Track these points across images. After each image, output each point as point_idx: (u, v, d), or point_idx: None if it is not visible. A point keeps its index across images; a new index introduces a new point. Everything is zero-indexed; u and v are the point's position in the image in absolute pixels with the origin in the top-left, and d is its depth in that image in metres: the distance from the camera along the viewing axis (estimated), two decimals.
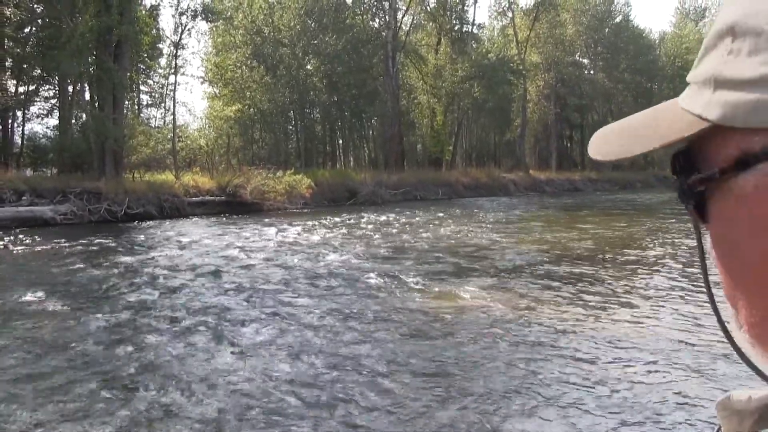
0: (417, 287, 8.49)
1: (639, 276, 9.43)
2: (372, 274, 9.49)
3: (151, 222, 19.82)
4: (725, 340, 0.44)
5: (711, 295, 0.46)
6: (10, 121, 27.04)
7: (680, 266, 10.12)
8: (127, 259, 11.43)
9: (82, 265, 10.64)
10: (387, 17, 42.08)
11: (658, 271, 9.87)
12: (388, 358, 5.40)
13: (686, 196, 0.43)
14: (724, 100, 0.39)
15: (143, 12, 28.07)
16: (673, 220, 18.43)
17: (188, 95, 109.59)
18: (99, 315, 6.99)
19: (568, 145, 61.47)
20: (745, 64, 0.38)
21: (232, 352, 5.61)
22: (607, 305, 7.34)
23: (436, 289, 8.37)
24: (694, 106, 0.42)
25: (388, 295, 8.05)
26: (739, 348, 0.42)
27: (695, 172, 0.43)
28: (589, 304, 7.43)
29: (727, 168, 0.40)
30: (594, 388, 4.60)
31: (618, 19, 57.65)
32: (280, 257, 11.55)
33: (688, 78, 0.45)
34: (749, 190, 0.39)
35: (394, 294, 8.12)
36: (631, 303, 7.53)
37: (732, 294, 0.42)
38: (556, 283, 8.81)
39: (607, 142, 0.49)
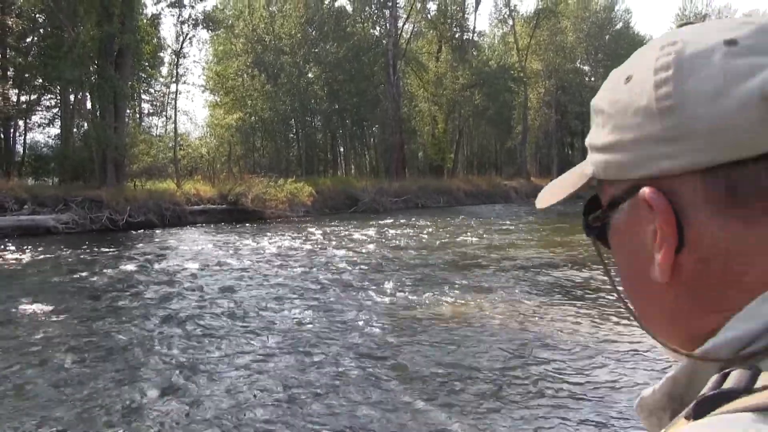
0: (418, 294, 8.46)
1: None
2: (375, 283, 9.47)
3: (152, 230, 19.81)
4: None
5: (619, 295, 0.57)
6: (12, 130, 27.07)
7: None
8: (129, 267, 11.41)
9: (83, 274, 10.63)
10: (387, 25, 42.18)
11: None
12: (392, 363, 5.37)
13: (587, 230, 0.58)
14: (594, 160, 0.54)
15: (145, 21, 28.13)
16: None
17: (189, 104, 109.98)
18: (100, 323, 6.98)
19: (570, 152, 61.43)
20: (600, 134, 0.53)
21: (234, 360, 5.58)
22: (609, 310, 7.32)
23: (436, 295, 8.35)
24: (585, 165, 0.57)
25: (390, 303, 8.03)
26: (646, 328, 0.55)
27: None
28: (590, 308, 7.40)
29: (605, 209, 0.54)
30: (594, 391, 4.58)
31: (618, 26, 57.68)
32: (281, 266, 11.53)
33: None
34: (618, 225, 0.53)
35: (395, 301, 8.10)
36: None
37: (628, 297, 0.56)
38: (556, 289, 8.78)
39: (543, 196, 0.63)
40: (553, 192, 0.62)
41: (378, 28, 43.62)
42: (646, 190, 0.48)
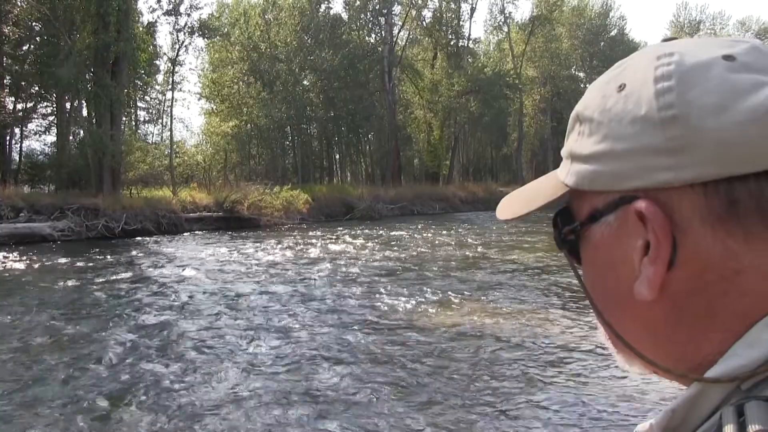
0: (415, 299, 8.50)
1: None
2: (372, 288, 9.51)
3: (148, 238, 19.81)
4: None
5: (597, 311, 0.54)
6: (8, 138, 27.06)
7: None
8: (124, 275, 11.43)
9: (79, 282, 10.64)
10: (383, 32, 42.35)
11: None
12: (391, 366, 5.42)
13: (561, 243, 0.55)
14: (576, 170, 0.51)
15: (141, 29, 28.20)
16: None
17: (185, 111, 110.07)
18: (97, 331, 7.00)
19: None
20: (586, 144, 0.50)
21: (232, 370, 5.61)
22: None
23: (434, 299, 8.39)
24: (561, 175, 0.54)
25: (388, 308, 8.07)
26: (633, 348, 0.51)
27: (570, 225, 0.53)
28: (589, 309, 7.46)
29: (584, 221, 0.52)
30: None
31: (613, 33, 57.96)
32: (277, 274, 11.56)
33: (561, 152, 0.56)
34: (598, 238, 0.51)
35: (393, 306, 8.14)
36: None
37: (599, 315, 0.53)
38: (555, 292, 8.83)
39: (508, 206, 0.61)
40: (521, 202, 0.59)
41: (373, 36, 43.78)
42: (641, 203, 0.46)
